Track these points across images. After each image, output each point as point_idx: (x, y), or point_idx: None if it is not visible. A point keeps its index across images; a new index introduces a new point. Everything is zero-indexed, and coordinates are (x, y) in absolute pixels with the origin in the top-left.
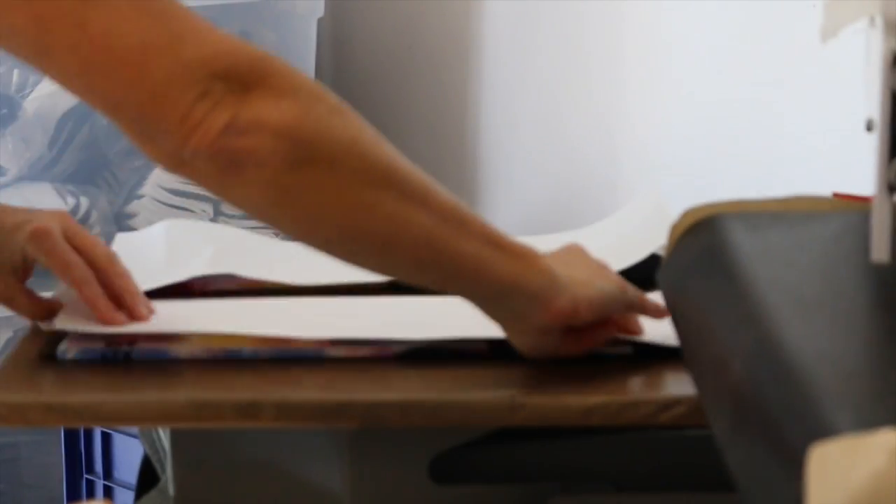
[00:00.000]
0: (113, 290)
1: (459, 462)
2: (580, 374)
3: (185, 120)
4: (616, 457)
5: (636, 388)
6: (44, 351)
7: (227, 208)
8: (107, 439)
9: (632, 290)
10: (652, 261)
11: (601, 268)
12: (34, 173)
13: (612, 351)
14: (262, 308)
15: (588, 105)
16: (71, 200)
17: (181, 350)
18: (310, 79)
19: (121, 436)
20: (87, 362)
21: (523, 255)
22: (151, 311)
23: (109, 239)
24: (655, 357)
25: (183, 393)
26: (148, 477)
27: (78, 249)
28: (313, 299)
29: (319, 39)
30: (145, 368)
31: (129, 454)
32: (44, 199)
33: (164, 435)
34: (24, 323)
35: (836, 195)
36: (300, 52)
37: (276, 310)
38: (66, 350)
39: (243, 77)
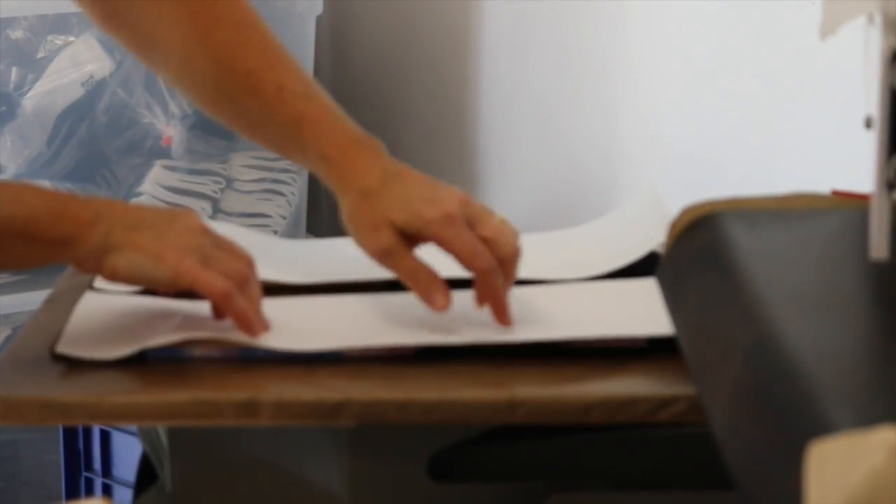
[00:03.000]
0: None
1: (458, 460)
2: (579, 371)
3: None
4: (615, 454)
5: (635, 385)
6: (43, 349)
7: (226, 206)
8: (105, 437)
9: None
10: (651, 258)
11: None
12: (33, 171)
13: (625, 344)
14: (281, 312)
15: (586, 104)
16: None
17: (196, 349)
18: None
19: (120, 433)
20: (87, 360)
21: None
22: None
23: None
24: (666, 351)
25: (182, 391)
26: (146, 475)
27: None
28: (320, 299)
29: (318, 37)
30: (145, 367)
31: (127, 452)
32: None
33: (162, 433)
34: (23, 320)
35: (834, 192)
36: (298, 51)
37: (296, 314)
38: None
39: None
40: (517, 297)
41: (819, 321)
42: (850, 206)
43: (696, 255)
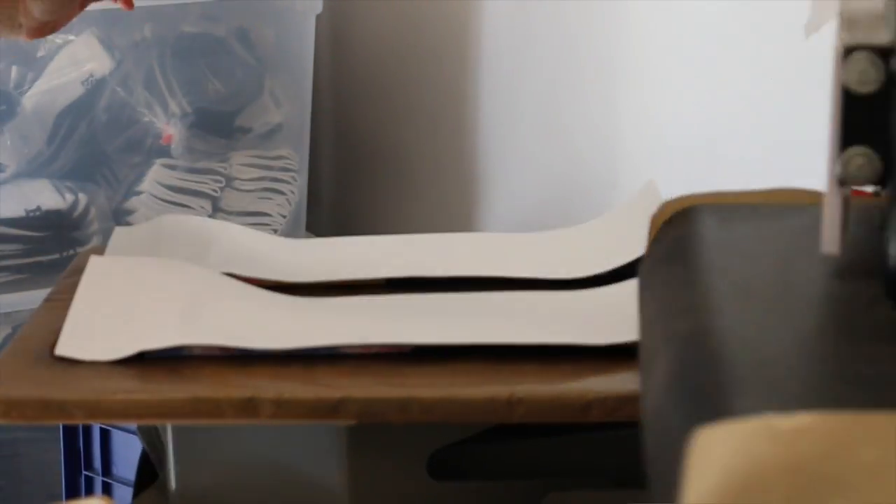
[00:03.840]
0: None
1: (458, 458)
2: (578, 369)
3: None
4: (614, 452)
5: (634, 382)
6: (43, 348)
7: (225, 205)
8: (105, 436)
9: None
10: None
11: None
12: (32, 169)
13: (622, 342)
14: (280, 311)
15: (587, 103)
16: (69, 197)
17: (195, 348)
18: None
19: (119, 432)
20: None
21: None
22: None
23: (107, 236)
24: None
25: (181, 389)
26: (146, 473)
27: None
28: (319, 299)
29: (318, 36)
30: (144, 365)
31: (127, 451)
32: (42, 195)
33: (162, 431)
34: (23, 319)
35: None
36: (298, 49)
37: (296, 314)
38: None
39: None
40: (516, 300)
41: (755, 312)
42: None
43: (669, 248)
